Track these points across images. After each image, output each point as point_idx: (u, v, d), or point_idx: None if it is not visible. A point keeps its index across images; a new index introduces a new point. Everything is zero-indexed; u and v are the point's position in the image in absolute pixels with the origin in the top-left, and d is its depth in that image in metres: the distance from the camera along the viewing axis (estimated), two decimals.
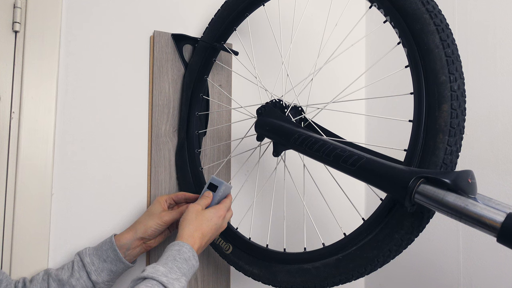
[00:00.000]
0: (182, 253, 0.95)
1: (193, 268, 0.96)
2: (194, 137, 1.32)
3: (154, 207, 1.16)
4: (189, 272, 0.95)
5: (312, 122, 1.14)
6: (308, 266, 0.97)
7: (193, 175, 1.29)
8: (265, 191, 1.42)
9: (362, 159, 0.84)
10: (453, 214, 0.69)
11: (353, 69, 1.66)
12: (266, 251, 1.10)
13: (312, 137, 0.97)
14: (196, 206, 1.07)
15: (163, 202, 1.17)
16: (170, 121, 1.33)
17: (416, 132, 0.82)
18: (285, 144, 1.06)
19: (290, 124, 1.08)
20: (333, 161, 0.89)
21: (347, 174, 0.87)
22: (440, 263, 1.32)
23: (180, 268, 0.92)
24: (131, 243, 1.11)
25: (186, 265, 0.94)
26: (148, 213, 1.16)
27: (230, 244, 1.15)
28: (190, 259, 0.95)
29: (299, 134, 1.01)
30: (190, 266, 0.95)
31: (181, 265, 0.93)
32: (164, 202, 1.17)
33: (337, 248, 0.94)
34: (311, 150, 0.95)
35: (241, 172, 1.42)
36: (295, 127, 1.06)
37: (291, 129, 1.05)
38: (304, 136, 0.99)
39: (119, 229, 1.21)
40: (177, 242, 0.98)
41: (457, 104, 0.78)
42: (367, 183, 0.84)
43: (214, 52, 1.34)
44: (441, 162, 0.78)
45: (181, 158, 1.31)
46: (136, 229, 1.12)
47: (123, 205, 1.26)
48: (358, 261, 0.89)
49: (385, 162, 0.82)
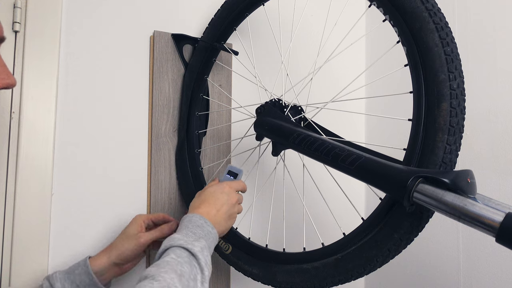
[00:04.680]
0: (193, 222, 0.92)
1: (210, 235, 0.92)
2: (194, 137, 1.31)
3: (131, 228, 1.09)
4: (208, 237, 0.91)
5: (311, 121, 1.13)
6: (308, 266, 0.97)
7: (193, 175, 1.29)
8: (264, 191, 1.41)
9: (361, 158, 0.83)
10: (452, 213, 0.68)
11: (352, 68, 1.66)
12: (265, 251, 1.09)
13: (311, 136, 0.97)
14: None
15: (140, 222, 1.09)
16: (170, 121, 1.32)
17: (415, 131, 0.82)
18: (284, 144, 1.06)
19: (289, 124, 1.07)
20: (332, 160, 0.88)
21: (346, 174, 0.86)
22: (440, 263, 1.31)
23: (196, 232, 0.89)
24: (105, 268, 1.03)
25: (201, 230, 0.91)
26: (124, 235, 1.08)
27: (230, 244, 1.14)
28: (203, 226, 0.92)
29: (298, 133, 1.00)
30: (206, 232, 0.91)
31: (196, 230, 0.90)
32: (142, 223, 1.09)
33: (336, 248, 0.94)
34: (310, 149, 0.94)
35: None
36: (294, 126, 1.05)
37: (290, 128, 1.04)
38: (303, 136, 0.98)
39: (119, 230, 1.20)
40: (185, 215, 0.96)
41: (456, 102, 0.77)
42: (366, 182, 0.83)
43: (214, 52, 1.34)
44: (440, 161, 0.77)
45: (181, 158, 1.31)
46: (110, 253, 1.04)
47: (123, 205, 1.25)
48: (357, 261, 0.88)
49: (384, 162, 0.81)
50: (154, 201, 1.28)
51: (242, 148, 1.34)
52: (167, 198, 1.30)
